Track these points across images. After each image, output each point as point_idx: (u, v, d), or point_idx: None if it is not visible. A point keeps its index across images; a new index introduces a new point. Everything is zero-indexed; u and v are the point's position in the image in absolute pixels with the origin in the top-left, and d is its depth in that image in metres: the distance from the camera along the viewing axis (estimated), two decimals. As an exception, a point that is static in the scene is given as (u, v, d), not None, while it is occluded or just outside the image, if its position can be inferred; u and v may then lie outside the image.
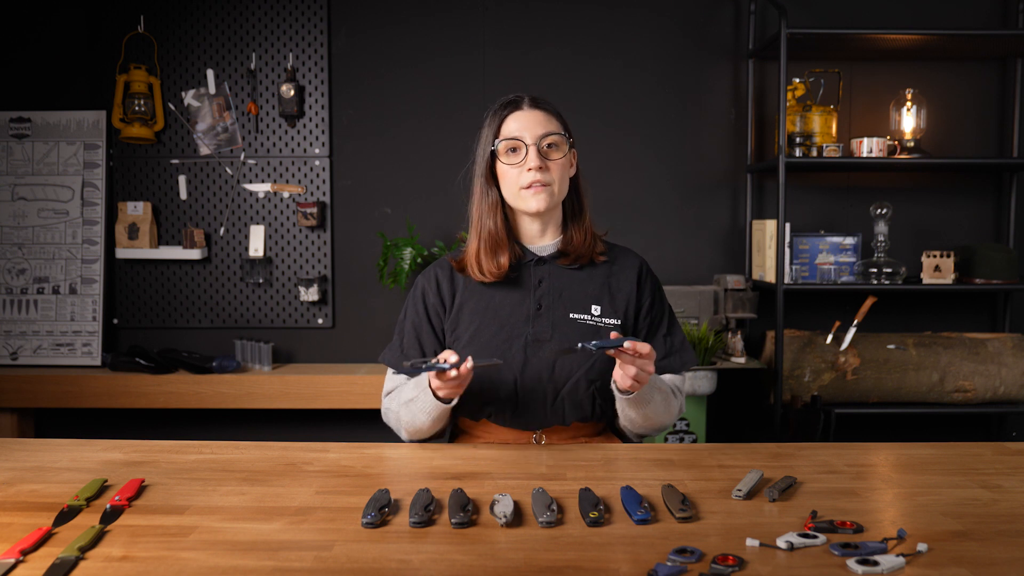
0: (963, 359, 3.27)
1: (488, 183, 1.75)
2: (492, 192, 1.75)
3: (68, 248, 3.48)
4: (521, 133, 1.70)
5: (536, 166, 1.68)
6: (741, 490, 1.36)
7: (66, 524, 1.25)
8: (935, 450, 1.66)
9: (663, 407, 1.72)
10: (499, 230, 1.74)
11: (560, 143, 1.72)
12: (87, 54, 3.48)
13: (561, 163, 1.72)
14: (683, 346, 1.82)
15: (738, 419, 3.53)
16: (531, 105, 1.73)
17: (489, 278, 1.74)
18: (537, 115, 1.72)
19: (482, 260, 1.74)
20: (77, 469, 1.53)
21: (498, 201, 1.75)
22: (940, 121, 3.48)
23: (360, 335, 3.54)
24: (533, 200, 1.70)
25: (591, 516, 1.24)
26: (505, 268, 1.73)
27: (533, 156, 1.68)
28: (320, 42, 3.47)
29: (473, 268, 1.75)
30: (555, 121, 1.73)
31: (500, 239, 1.74)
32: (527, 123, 1.71)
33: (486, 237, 1.74)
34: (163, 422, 3.46)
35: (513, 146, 1.71)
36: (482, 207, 1.76)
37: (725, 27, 3.50)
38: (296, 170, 3.49)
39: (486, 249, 1.74)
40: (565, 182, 1.74)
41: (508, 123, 1.72)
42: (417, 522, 1.23)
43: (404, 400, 1.72)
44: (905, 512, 1.31)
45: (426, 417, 1.68)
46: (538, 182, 1.68)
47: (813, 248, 3.35)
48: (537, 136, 1.70)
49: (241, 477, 1.48)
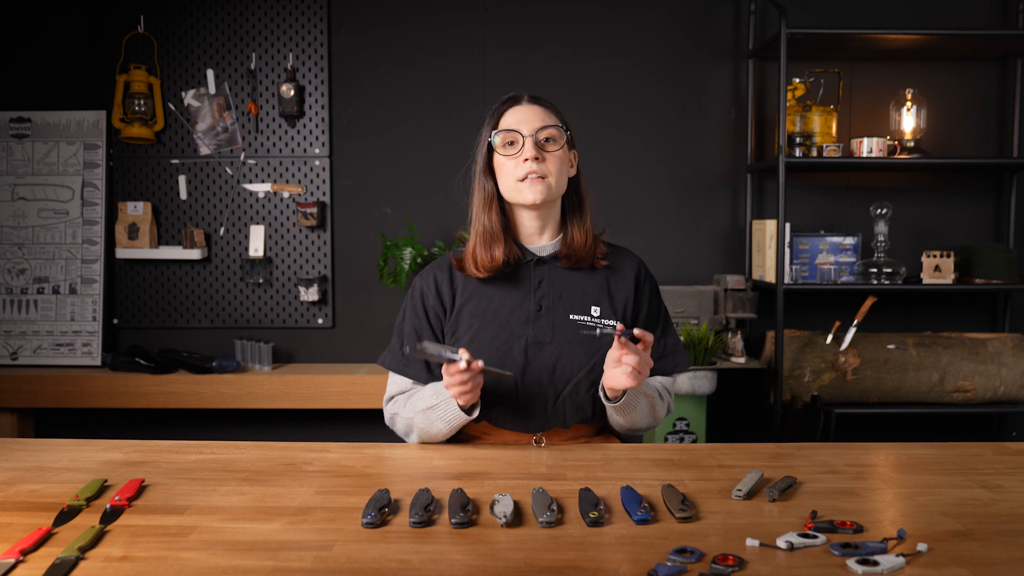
0: (963, 359, 3.27)
1: (486, 176, 1.76)
2: (489, 185, 1.75)
3: (68, 248, 3.48)
4: (518, 126, 1.71)
5: (532, 156, 1.68)
6: (741, 490, 1.36)
7: (66, 524, 1.25)
8: (935, 450, 1.66)
9: (647, 412, 1.73)
10: (494, 224, 1.74)
11: (557, 136, 1.72)
12: (87, 54, 3.48)
13: (558, 155, 1.71)
14: (676, 348, 1.82)
15: (738, 419, 3.53)
16: (530, 101, 1.75)
17: (483, 272, 1.73)
18: (535, 110, 1.73)
19: (477, 254, 1.73)
20: (77, 469, 1.53)
21: (494, 194, 1.75)
22: (940, 121, 3.48)
23: (360, 335, 3.54)
24: (529, 191, 1.69)
25: (591, 516, 1.24)
26: (499, 261, 1.72)
27: (529, 147, 1.68)
28: (320, 42, 3.47)
29: (469, 263, 1.75)
30: (553, 116, 1.74)
31: (495, 233, 1.73)
32: (525, 116, 1.72)
33: (481, 231, 1.74)
34: (163, 422, 3.46)
35: (510, 139, 1.71)
36: (479, 201, 1.76)
37: (725, 27, 3.50)
38: (296, 170, 3.49)
39: (481, 243, 1.74)
40: (563, 176, 1.74)
41: (506, 116, 1.73)
42: (417, 522, 1.23)
43: (422, 407, 1.69)
44: (905, 512, 1.31)
45: (444, 426, 1.67)
46: (534, 172, 1.68)
47: (813, 248, 3.35)
48: (534, 128, 1.70)
49: (241, 477, 1.48)
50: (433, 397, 1.68)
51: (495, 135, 1.72)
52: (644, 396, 1.70)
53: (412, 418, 1.72)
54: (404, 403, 1.75)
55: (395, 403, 1.78)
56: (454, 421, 1.65)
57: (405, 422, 1.74)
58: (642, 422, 1.74)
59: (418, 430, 1.71)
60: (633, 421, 1.72)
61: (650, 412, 1.73)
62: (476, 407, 1.66)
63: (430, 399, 1.68)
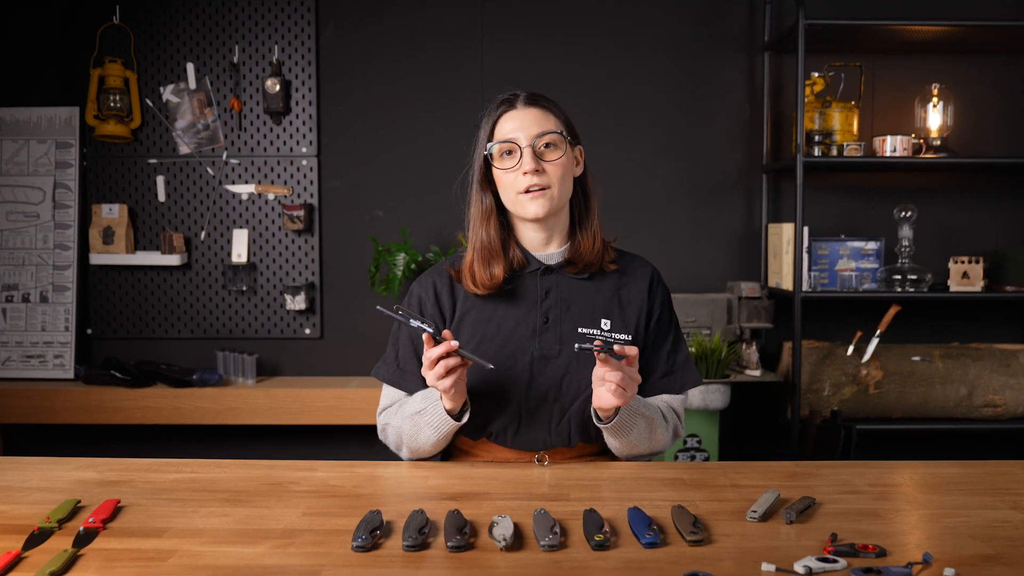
0: (993, 372, 3.28)
1: (483, 189, 1.75)
2: (487, 198, 1.75)
3: (39, 254, 3.48)
4: (515, 134, 1.69)
5: (531, 169, 1.67)
6: (756, 511, 1.37)
7: (37, 548, 1.25)
8: (963, 469, 1.67)
9: (646, 434, 1.70)
10: (492, 239, 1.73)
11: (558, 142, 1.70)
12: (59, 46, 3.49)
13: (560, 163, 1.70)
14: (686, 365, 1.81)
15: (753, 436, 3.54)
16: (527, 103, 1.72)
17: (482, 290, 1.73)
18: (533, 113, 1.71)
19: (475, 271, 1.73)
20: (48, 489, 1.53)
21: (492, 207, 1.75)
22: (968, 118, 3.49)
23: (350, 346, 3.55)
24: (531, 205, 1.68)
25: (596, 539, 1.24)
26: (499, 280, 1.72)
27: (528, 159, 1.67)
28: (308, 34, 3.48)
29: (467, 279, 1.74)
30: (552, 118, 1.72)
31: (494, 249, 1.73)
32: (522, 123, 1.70)
33: (479, 247, 1.74)
34: (140, 439, 3.47)
35: (508, 148, 1.69)
36: (476, 215, 1.76)
37: (739, 18, 3.51)
38: (282, 170, 3.50)
39: (479, 259, 1.73)
40: (567, 183, 1.72)
41: (502, 124, 1.71)
42: (411, 545, 1.23)
43: (409, 412, 1.70)
44: (931, 535, 1.31)
45: (432, 432, 1.67)
46: (535, 185, 1.67)
47: (833, 253, 3.36)
48: (532, 136, 1.68)
49: (223, 498, 1.48)
50: (421, 401, 1.69)
51: (491, 147, 1.71)
52: (642, 416, 1.68)
53: (400, 425, 1.72)
54: (395, 412, 1.76)
55: (387, 414, 1.79)
56: (442, 427, 1.66)
57: (395, 431, 1.75)
58: (641, 446, 1.71)
59: (407, 439, 1.72)
60: (631, 445, 1.70)
61: (649, 435, 1.70)
62: (465, 412, 1.66)
63: (418, 404, 1.69)
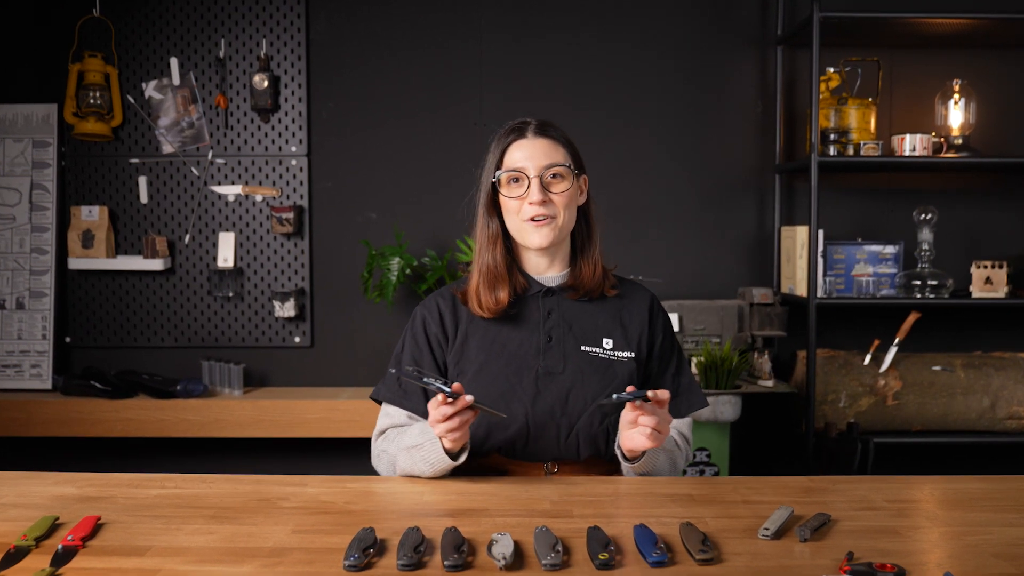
0: (1017, 382, 3.28)
1: (489, 214, 1.84)
2: (493, 223, 1.83)
3: (15, 258, 3.49)
4: (524, 164, 1.78)
5: (538, 200, 1.76)
6: (769, 529, 1.37)
7: (13, 567, 1.25)
8: (986, 484, 1.67)
9: (667, 467, 1.80)
10: (498, 264, 1.82)
11: (565, 174, 1.79)
12: (36, 40, 3.50)
13: (567, 194, 1.79)
14: (691, 388, 1.89)
15: (765, 449, 3.54)
16: (536, 133, 1.81)
17: (487, 314, 1.80)
18: (542, 144, 1.80)
19: (481, 294, 1.81)
20: (25, 505, 1.53)
21: (499, 232, 1.83)
22: (991, 116, 3.50)
23: (342, 355, 3.55)
24: (536, 235, 1.78)
25: (601, 558, 1.25)
26: (504, 304, 1.80)
27: (535, 191, 1.76)
28: (297, 27, 3.49)
29: (473, 303, 1.82)
30: (561, 150, 1.81)
31: (500, 273, 1.81)
32: (531, 152, 1.78)
33: (484, 271, 1.82)
34: (121, 452, 3.46)
35: (515, 176, 1.79)
36: (482, 239, 1.84)
37: (750, 9, 3.52)
38: (270, 170, 3.51)
39: (484, 283, 1.81)
40: (571, 213, 1.82)
41: (511, 152, 1.80)
42: (406, 564, 1.24)
43: (406, 445, 1.73)
44: (952, 553, 1.31)
45: (427, 468, 1.69)
46: (541, 215, 1.76)
47: (849, 258, 3.36)
48: (540, 167, 1.77)
49: (209, 514, 1.48)
50: (419, 436, 1.71)
51: (499, 174, 1.80)
52: (663, 451, 1.77)
53: (395, 456, 1.75)
54: (394, 439, 1.79)
55: (384, 441, 1.82)
56: (437, 465, 1.68)
57: (389, 460, 1.78)
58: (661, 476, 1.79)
59: (401, 470, 1.74)
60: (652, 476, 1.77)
61: (670, 468, 1.81)
62: (464, 452, 1.68)
63: (416, 437, 1.71)
